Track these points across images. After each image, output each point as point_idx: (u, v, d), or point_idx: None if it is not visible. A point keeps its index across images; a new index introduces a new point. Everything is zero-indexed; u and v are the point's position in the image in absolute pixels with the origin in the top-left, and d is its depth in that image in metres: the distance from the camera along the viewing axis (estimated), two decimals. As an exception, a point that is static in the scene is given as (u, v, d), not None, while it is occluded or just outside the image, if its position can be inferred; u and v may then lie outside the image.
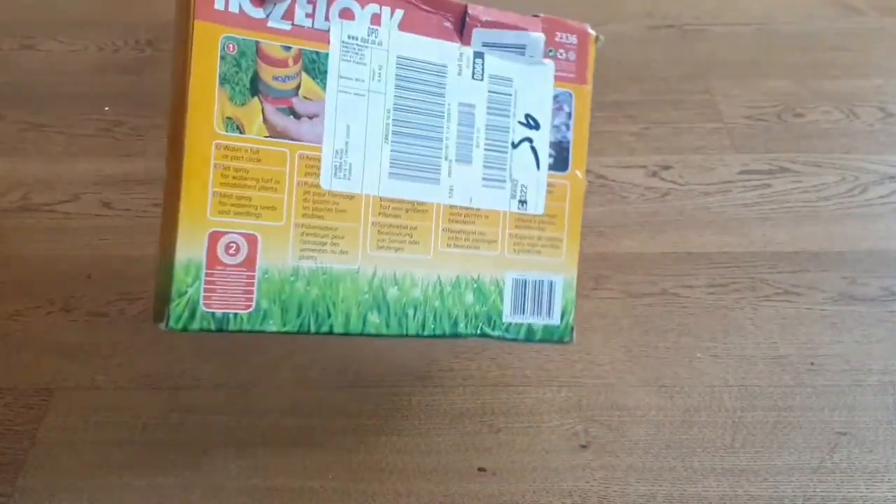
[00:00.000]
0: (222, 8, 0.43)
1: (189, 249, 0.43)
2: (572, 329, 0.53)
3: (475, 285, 0.51)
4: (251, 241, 0.45)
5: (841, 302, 0.64)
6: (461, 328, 0.50)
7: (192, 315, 0.43)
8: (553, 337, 0.53)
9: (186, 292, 0.43)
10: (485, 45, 0.49)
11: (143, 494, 0.51)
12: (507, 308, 0.52)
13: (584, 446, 0.54)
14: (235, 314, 0.45)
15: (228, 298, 0.44)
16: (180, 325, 0.43)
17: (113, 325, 0.61)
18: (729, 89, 0.85)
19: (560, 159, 0.52)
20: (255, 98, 0.44)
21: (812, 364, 0.59)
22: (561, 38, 0.51)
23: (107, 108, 0.82)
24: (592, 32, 0.52)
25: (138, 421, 0.55)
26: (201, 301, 0.44)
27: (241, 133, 0.44)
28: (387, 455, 0.54)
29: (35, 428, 0.55)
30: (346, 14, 0.45)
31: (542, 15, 0.51)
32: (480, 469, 0.53)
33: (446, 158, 0.49)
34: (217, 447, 0.53)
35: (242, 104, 0.44)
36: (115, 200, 0.72)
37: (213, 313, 0.44)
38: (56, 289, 0.64)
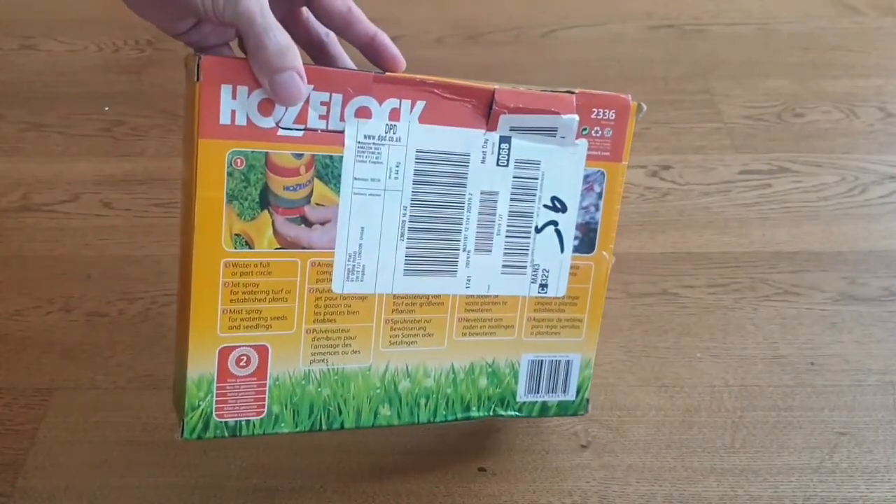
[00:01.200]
0: (228, 122, 0.40)
1: (200, 366, 0.43)
2: (587, 402, 0.52)
3: (489, 370, 0.49)
4: (262, 351, 0.44)
5: (841, 302, 0.64)
6: (473, 412, 0.50)
7: (206, 426, 0.44)
8: (567, 412, 0.52)
9: (199, 406, 0.44)
10: (512, 129, 0.45)
11: (143, 494, 0.51)
12: (521, 388, 0.51)
13: (584, 446, 0.54)
14: (248, 420, 0.45)
15: (240, 407, 0.45)
16: (195, 436, 0.44)
17: (113, 325, 0.61)
18: (729, 89, 0.85)
19: (586, 241, 0.49)
20: (265, 211, 0.42)
21: (812, 364, 0.59)
22: (597, 114, 0.46)
23: (107, 108, 0.82)
24: (633, 102, 0.47)
25: (138, 421, 0.55)
26: (214, 413, 0.44)
27: (250, 248, 0.42)
28: (387, 455, 0.53)
29: (35, 428, 0.55)
30: (363, 112, 0.42)
31: (577, 91, 0.46)
32: (480, 469, 0.53)
33: (464, 249, 0.46)
34: (217, 447, 0.53)
35: (252, 219, 0.42)
36: (115, 200, 0.72)
37: (225, 422, 0.45)
38: (56, 289, 0.64)
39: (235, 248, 0.42)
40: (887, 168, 0.76)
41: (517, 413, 0.51)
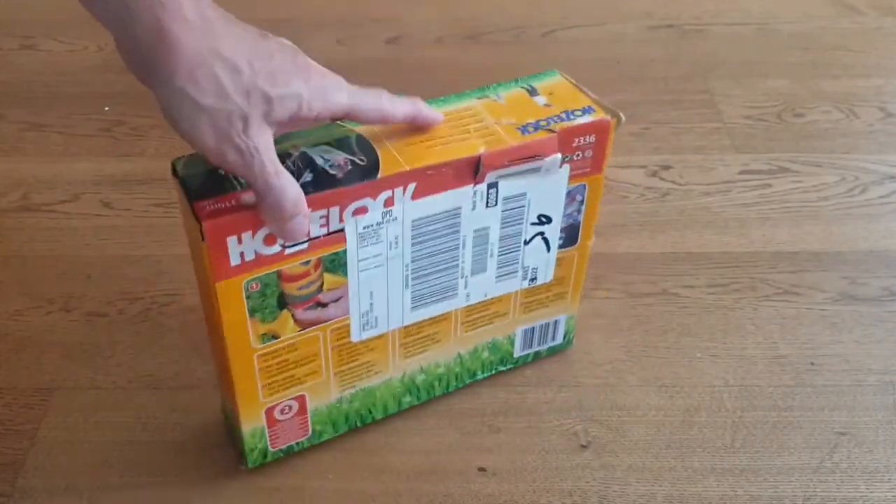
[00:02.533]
0: (238, 262, 0.42)
1: (252, 423, 0.49)
2: (573, 339, 0.58)
3: (490, 346, 0.55)
4: (300, 399, 0.50)
5: (841, 302, 0.64)
6: (479, 375, 0.57)
7: (265, 456, 0.52)
8: (556, 352, 0.58)
9: (256, 447, 0.51)
10: (499, 177, 0.46)
11: (143, 494, 0.51)
12: (517, 348, 0.56)
13: (584, 446, 0.54)
14: (297, 443, 0.52)
15: (289, 437, 0.52)
16: (257, 465, 0.52)
17: (113, 325, 0.61)
18: (729, 89, 0.85)
19: (570, 237, 0.52)
20: (284, 310, 0.45)
21: (812, 364, 0.59)
22: (578, 142, 0.47)
23: (107, 108, 0.82)
24: (611, 119, 0.47)
25: (138, 421, 0.55)
26: (269, 447, 0.51)
27: (276, 340, 0.46)
28: (387, 455, 0.54)
29: (35, 428, 0.55)
30: (360, 211, 0.43)
31: (557, 129, 0.46)
32: (480, 469, 0.53)
33: (462, 276, 0.50)
34: (217, 447, 0.54)
35: (273, 320, 0.45)
36: (115, 200, 0.72)
37: (280, 449, 0.52)
38: (56, 289, 0.64)
39: (263, 343, 0.46)
40: (887, 168, 0.76)
41: (514, 365, 0.57)
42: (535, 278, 0.52)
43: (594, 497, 0.51)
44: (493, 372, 0.56)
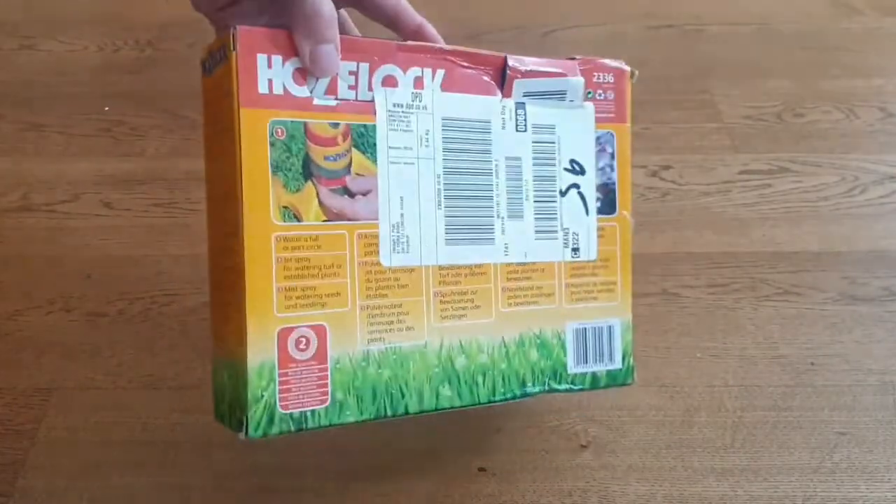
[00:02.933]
0: (266, 91, 0.41)
1: (260, 351, 0.41)
2: (633, 369, 0.52)
3: (538, 341, 0.50)
4: (320, 332, 0.43)
5: (841, 302, 0.64)
6: (529, 387, 0.50)
7: (271, 420, 0.42)
8: (616, 381, 0.52)
9: (262, 396, 0.41)
10: (525, 94, 0.48)
11: (143, 494, 0.51)
12: (570, 360, 0.51)
13: (584, 446, 0.54)
14: (313, 411, 0.43)
15: (304, 396, 0.43)
16: (260, 433, 0.42)
17: (113, 325, 0.61)
18: (729, 89, 0.85)
19: (607, 202, 0.51)
20: (309, 182, 0.42)
21: (812, 364, 0.59)
22: (599, 78, 0.50)
23: (107, 108, 0.82)
24: (627, 68, 0.51)
25: (138, 421, 0.55)
26: (278, 403, 0.42)
27: (298, 221, 0.42)
28: (386, 455, 0.53)
29: (35, 428, 0.55)
30: (389, 81, 0.44)
31: (578, 57, 0.49)
32: (480, 469, 0.53)
33: (498, 216, 0.48)
34: (217, 447, 0.53)
35: (297, 190, 0.42)
36: (115, 200, 0.72)
37: (290, 414, 0.42)
38: (56, 289, 0.64)
39: (284, 221, 0.42)
40: (887, 168, 0.76)
41: (571, 386, 0.51)
42: (578, 248, 0.50)
43: (594, 497, 0.51)
44: (546, 388, 0.50)
